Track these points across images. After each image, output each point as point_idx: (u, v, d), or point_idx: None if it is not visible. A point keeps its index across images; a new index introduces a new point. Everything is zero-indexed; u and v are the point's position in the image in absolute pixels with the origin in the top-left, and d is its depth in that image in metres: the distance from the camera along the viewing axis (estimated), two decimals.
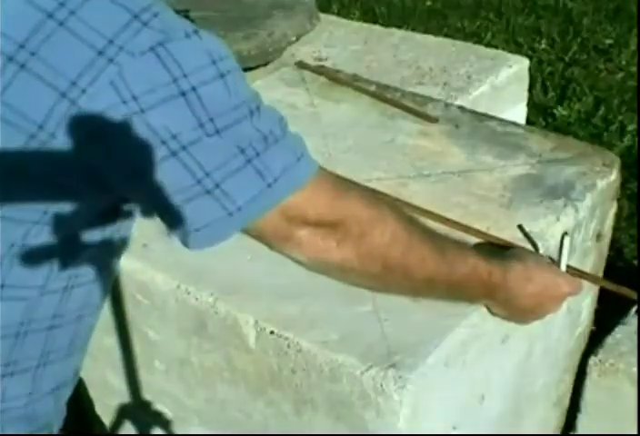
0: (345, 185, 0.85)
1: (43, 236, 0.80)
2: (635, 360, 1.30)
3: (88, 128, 0.72)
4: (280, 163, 0.77)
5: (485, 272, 0.96)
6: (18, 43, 0.71)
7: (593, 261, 1.37)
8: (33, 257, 0.81)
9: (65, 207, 0.79)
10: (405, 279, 0.90)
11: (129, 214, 0.90)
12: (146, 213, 0.83)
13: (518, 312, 1.05)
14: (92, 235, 0.86)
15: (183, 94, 0.72)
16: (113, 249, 0.92)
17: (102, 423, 1.50)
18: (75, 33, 0.70)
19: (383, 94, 1.50)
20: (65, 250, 0.84)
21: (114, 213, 0.87)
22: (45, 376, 0.91)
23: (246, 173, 0.75)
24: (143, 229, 0.96)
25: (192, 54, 0.73)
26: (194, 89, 0.72)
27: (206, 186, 0.74)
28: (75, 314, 0.91)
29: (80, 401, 1.46)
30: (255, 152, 0.75)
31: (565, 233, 1.13)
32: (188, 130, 0.72)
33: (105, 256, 0.91)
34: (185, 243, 0.79)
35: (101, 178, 0.76)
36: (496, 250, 1.11)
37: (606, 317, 1.48)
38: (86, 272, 0.89)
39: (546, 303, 1.06)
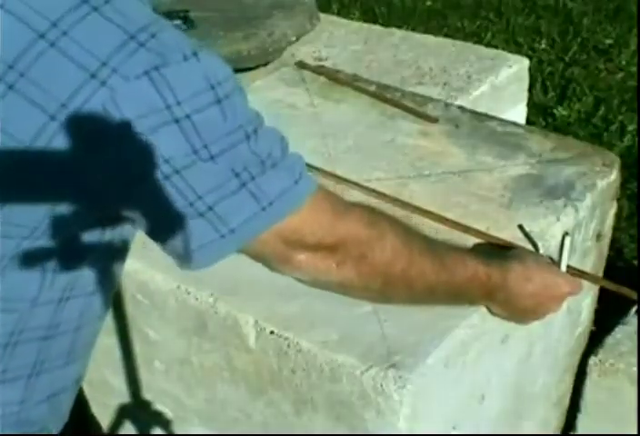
0: (344, 205, 0.85)
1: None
2: (634, 360, 1.30)
3: (78, 149, 0.71)
4: (277, 186, 0.77)
5: (485, 274, 0.96)
6: (7, 63, 0.69)
7: (593, 261, 1.37)
8: (30, 262, 0.80)
9: (61, 218, 0.78)
10: (406, 292, 0.91)
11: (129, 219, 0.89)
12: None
13: (519, 312, 1.05)
14: (91, 240, 0.84)
15: (176, 121, 0.71)
16: (111, 257, 0.91)
17: (98, 424, 1.50)
18: (66, 54, 0.69)
19: (383, 94, 1.50)
20: (62, 258, 0.83)
21: (115, 218, 0.86)
22: (38, 384, 0.90)
23: (240, 196, 0.75)
24: None
25: (188, 78, 0.71)
26: (188, 116, 0.71)
27: (199, 209, 0.74)
28: (73, 325, 0.90)
29: (76, 402, 1.46)
30: (251, 176, 0.75)
31: (566, 233, 1.13)
32: (181, 156, 0.72)
33: (104, 266, 0.90)
34: (179, 264, 0.80)
35: (94, 196, 0.76)
36: (496, 250, 1.11)
37: (606, 317, 1.48)
38: (83, 284, 0.87)
39: (546, 303, 1.07)
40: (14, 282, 0.81)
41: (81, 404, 1.48)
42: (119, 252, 0.91)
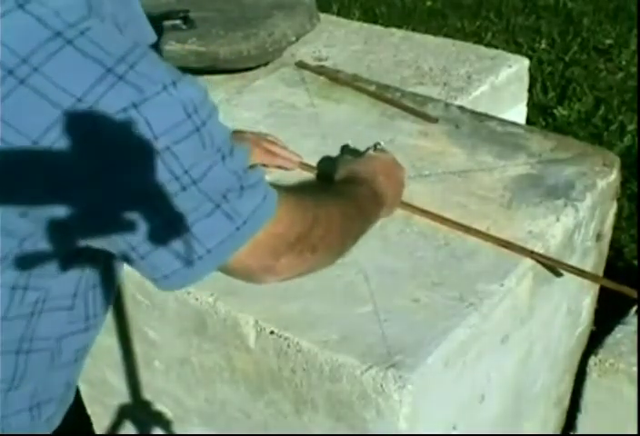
0: (297, 194, 0.88)
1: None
2: (635, 360, 1.30)
3: (53, 184, 0.70)
4: (249, 205, 0.78)
5: (371, 195, 1.06)
6: None
7: (593, 261, 1.37)
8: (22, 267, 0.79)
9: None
10: (360, 233, 1.01)
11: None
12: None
13: (397, 197, 1.18)
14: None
15: (156, 152, 0.70)
16: (94, 266, 0.88)
17: (89, 424, 1.50)
18: (38, 91, 0.66)
19: (383, 94, 1.50)
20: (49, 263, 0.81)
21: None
22: (17, 397, 0.88)
23: (216, 217, 0.75)
24: None
25: (166, 110, 0.70)
26: (167, 148, 0.70)
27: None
28: (53, 337, 0.88)
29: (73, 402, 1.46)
30: (225, 198, 0.76)
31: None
32: (164, 183, 0.71)
33: (85, 276, 0.87)
34: (157, 286, 0.80)
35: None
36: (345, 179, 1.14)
37: (606, 317, 1.48)
38: (55, 297, 0.85)
39: (397, 180, 1.18)
40: None
41: (77, 404, 1.48)
42: (105, 262, 0.89)
